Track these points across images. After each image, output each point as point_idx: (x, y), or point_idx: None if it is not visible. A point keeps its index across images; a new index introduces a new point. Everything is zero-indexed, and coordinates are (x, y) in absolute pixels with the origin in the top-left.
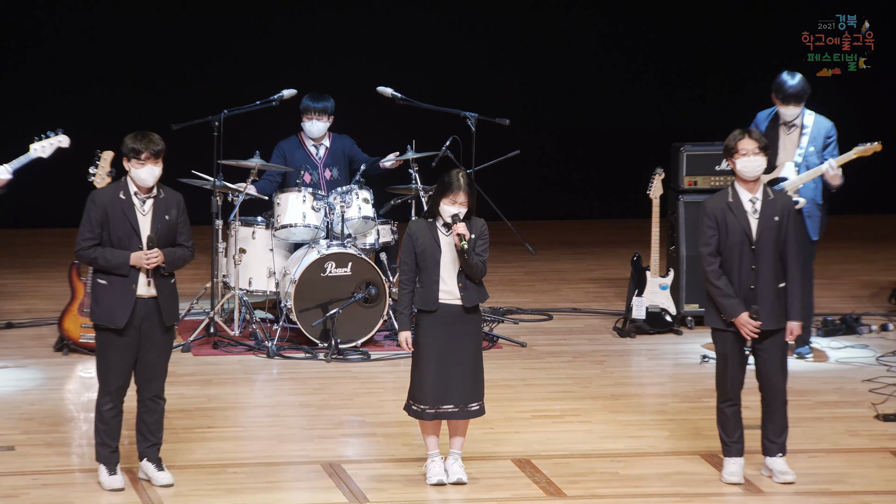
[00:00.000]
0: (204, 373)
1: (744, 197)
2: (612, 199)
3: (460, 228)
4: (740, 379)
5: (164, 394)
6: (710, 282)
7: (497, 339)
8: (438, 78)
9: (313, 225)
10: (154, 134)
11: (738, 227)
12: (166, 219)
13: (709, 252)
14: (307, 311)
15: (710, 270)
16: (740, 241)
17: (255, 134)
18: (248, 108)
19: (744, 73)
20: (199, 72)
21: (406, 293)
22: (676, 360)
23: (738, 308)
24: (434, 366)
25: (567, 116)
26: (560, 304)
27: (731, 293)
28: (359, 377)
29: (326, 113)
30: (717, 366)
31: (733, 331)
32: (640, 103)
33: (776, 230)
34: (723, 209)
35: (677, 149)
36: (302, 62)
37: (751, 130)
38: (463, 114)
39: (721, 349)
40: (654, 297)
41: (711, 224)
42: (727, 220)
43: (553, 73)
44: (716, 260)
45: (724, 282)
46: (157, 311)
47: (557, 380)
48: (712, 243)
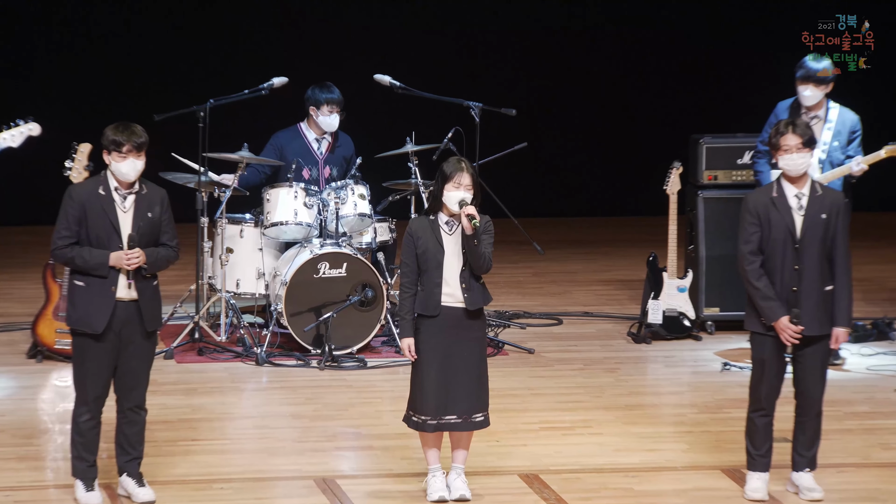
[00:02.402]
0: (188, 381)
1: (789, 192)
2: (626, 195)
3: (470, 209)
4: (777, 388)
5: (145, 404)
6: (750, 282)
7: (503, 346)
8: (440, 66)
9: (305, 223)
10: (136, 125)
11: (782, 224)
12: (149, 216)
13: (749, 250)
14: (299, 316)
15: (749, 270)
16: (783, 240)
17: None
18: (235, 97)
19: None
20: (183, 59)
21: (407, 297)
22: (695, 368)
23: (779, 311)
24: (435, 374)
25: (577, 106)
26: (570, 307)
27: (771, 295)
28: (354, 386)
29: (342, 105)
30: (753, 372)
31: (773, 336)
32: (657, 92)
33: (823, 228)
34: (766, 204)
35: (696, 141)
36: (292, 48)
37: (795, 124)
38: (466, 103)
39: (758, 354)
40: (671, 300)
41: (753, 220)
42: (770, 216)
43: (562, 61)
44: (756, 259)
45: (765, 282)
46: (138, 315)
47: (567, 389)
48: (753, 241)
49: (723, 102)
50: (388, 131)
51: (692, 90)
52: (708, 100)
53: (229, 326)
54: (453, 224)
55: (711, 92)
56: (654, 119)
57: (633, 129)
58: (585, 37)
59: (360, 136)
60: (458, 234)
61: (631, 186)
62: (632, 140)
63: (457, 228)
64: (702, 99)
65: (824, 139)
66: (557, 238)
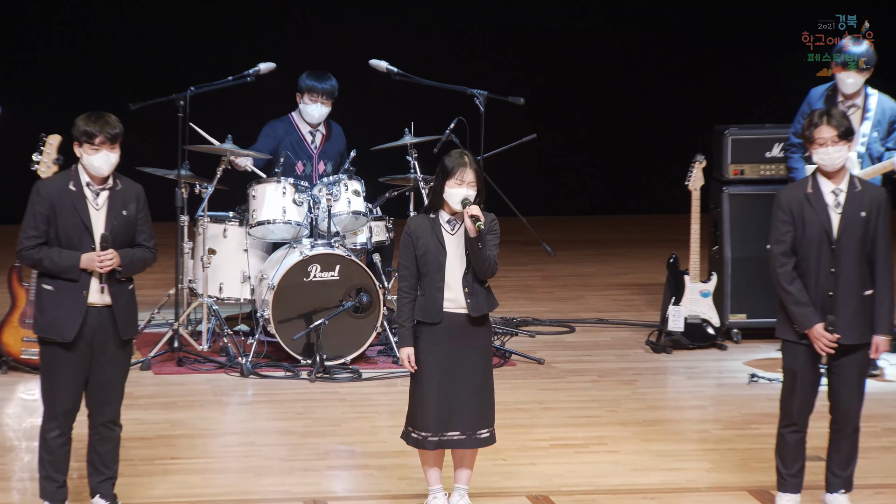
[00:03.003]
0: (167, 394)
1: (825, 188)
2: (644, 192)
3: (473, 209)
4: (810, 401)
5: (119, 419)
6: (782, 286)
7: (510, 355)
8: (443, 52)
9: (295, 221)
10: (110, 115)
11: (817, 223)
12: (123, 214)
13: (781, 251)
14: (288, 323)
15: (781, 272)
16: (818, 240)
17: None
18: (218, 84)
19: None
20: (161, 44)
21: (407, 303)
22: (720, 380)
23: (813, 318)
24: (437, 386)
25: (589, 96)
26: (583, 313)
27: (804, 300)
28: (348, 399)
29: (333, 97)
30: (784, 384)
31: (806, 344)
32: (677, 80)
33: (862, 227)
34: (800, 201)
35: (721, 132)
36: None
37: (830, 115)
38: (470, 91)
39: (790, 364)
40: (693, 305)
41: (786, 218)
42: (804, 213)
43: (573, 49)
44: (789, 260)
45: (798, 286)
46: (111, 323)
47: (580, 402)
48: (786, 241)
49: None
50: (385, 122)
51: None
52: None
53: (211, 334)
54: (455, 223)
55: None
56: (675, 110)
57: (653, 120)
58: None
59: (354, 127)
60: (460, 233)
61: (650, 182)
62: (651, 132)
63: (459, 228)
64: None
65: (863, 130)
66: (569, 238)
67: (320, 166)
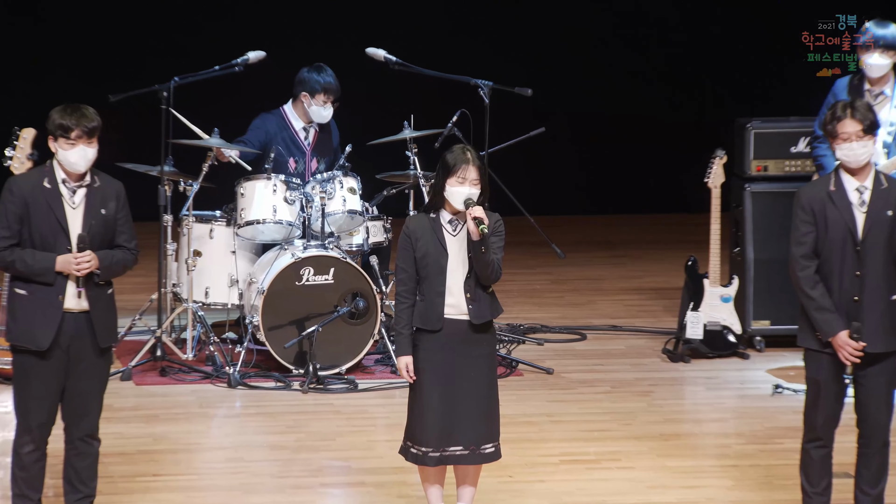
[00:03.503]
0: (149, 406)
1: (849, 185)
2: (660, 189)
3: (477, 211)
4: (835, 414)
5: (98, 433)
6: (803, 290)
7: (516, 365)
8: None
9: (286, 221)
10: (87, 107)
11: (840, 223)
12: (102, 213)
13: (802, 253)
14: (278, 330)
15: (802, 276)
16: (842, 240)
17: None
18: (204, 74)
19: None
20: (143, 31)
21: (405, 308)
22: (742, 391)
23: (837, 325)
24: (438, 398)
25: (602, 87)
26: (595, 320)
27: (827, 306)
28: (343, 412)
29: (338, 95)
30: (808, 395)
31: (830, 353)
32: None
33: (889, 227)
34: (822, 200)
35: (743, 126)
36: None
37: (854, 107)
38: (474, 81)
39: (813, 375)
40: (713, 311)
41: (807, 218)
42: (826, 213)
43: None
44: (811, 263)
45: (821, 291)
46: (89, 329)
47: (592, 415)
48: (807, 242)
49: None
50: (382, 115)
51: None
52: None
53: (197, 342)
54: (457, 224)
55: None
56: (694, 101)
57: (669, 113)
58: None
59: (350, 121)
60: (463, 235)
61: (666, 179)
62: (667, 125)
63: (461, 229)
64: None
65: (891, 118)
66: (580, 239)
67: (313, 163)
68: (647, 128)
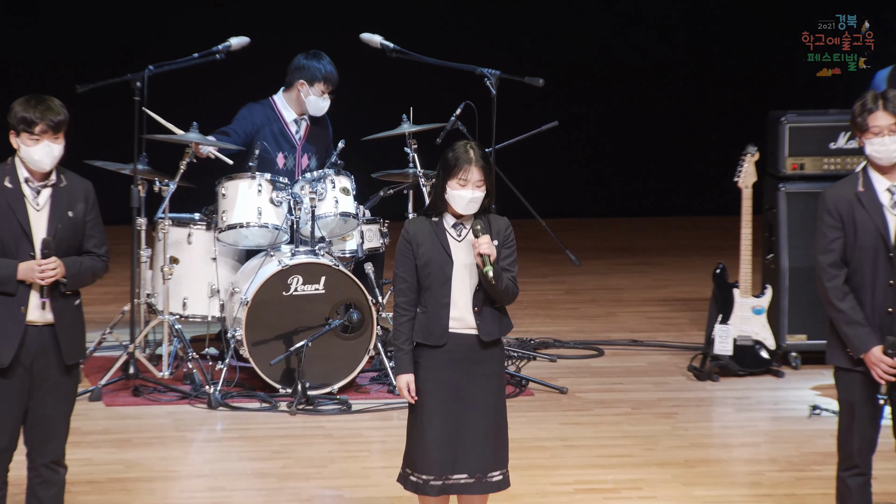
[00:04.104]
0: (120, 430)
1: (879, 185)
2: (685, 190)
3: (483, 246)
4: (871, 438)
5: (64, 459)
6: (832, 303)
7: (527, 383)
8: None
9: (272, 224)
10: (53, 99)
11: (871, 227)
12: (69, 216)
13: (830, 262)
14: (264, 345)
15: (830, 287)
16: (874, 247)
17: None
18: (181, 62)
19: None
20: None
21: (405, 322)
22: (776, 413)
23: (869, 340)
24: (440, 420)
25: (620, 78)
26: (614, 333)
27: (858, 319)
28: (335, 435)
29: (336, 87)
30: (841, 420)
31: (862, 371)
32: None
33: None
34: (849, 202)
35: (777, 120)
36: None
37: (886, 98)
38: (479, 71)
39: (846, 396)
40: (744, 324)
41: (833, 223)
42: (855, 216)
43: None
44: (839, 273)
45: (850, 303)
46: (54, 344)
47: (610, 439)
48: (835, 249)
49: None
50: (379, 107)
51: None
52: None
53: (174, 359)
54: (462, 228)
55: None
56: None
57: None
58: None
59: (343, 114)
60: (469, 239)
61: (692, 178)
62: (693, 119)
63: (468, 234)
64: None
65: None
66: (597, 245)
67: (304, 160)
68: (672, 121)
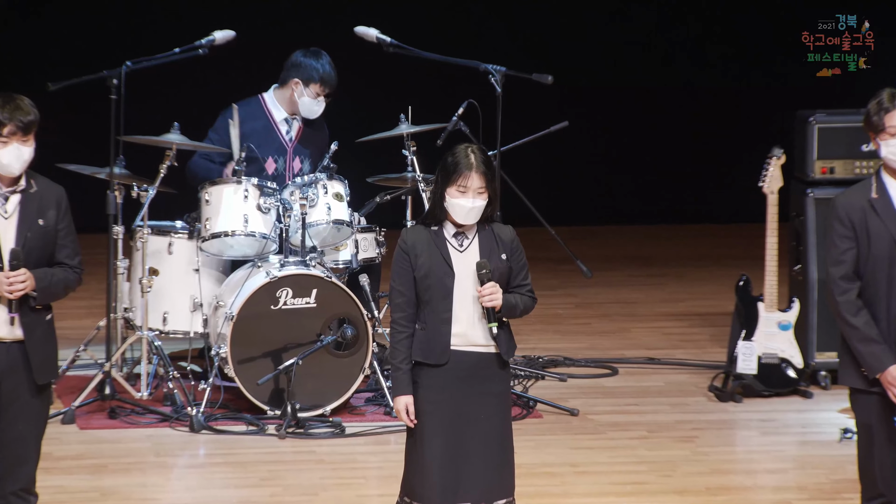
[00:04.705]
0: (96, 454)
1: (893, 191)
2: (705, 195)
3: (486, 297)
4: (893, 464)
5: (35, 486)
6: (844, 319)
7: (535, 405)
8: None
9: (260, 233)
10: (22, 98)
11: (885, 236)
12: (40, 224)
13: (842, 274)
14: (250, 363)
15: (843, 302)
16: (888, 257)
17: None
18: (161, 58)
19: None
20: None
21: (402, 339)
22: (804, 437)
23: (885, 358)
24: (441, 444)
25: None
26: (628, 350)
27: (873, 336)
28: (328, 461)
29: (334, 90)
30: (860, 445)
31: (879, 392)
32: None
33: None
34: (862, 209)
35: (805, 119)
36: None
37: None
38: (483, 67)
39: (863, 419)
40: (770, 341)
41: (846, 232)
42: (868, 224)
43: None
44: (852, 286)
45: (864, 318)
46: (24, 363)
47: (625, 465)
48: (846, 260)
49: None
50: (375, 106)
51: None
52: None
53: (153, 378)
54: (464, 238)
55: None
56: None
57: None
58: None
59: (336, 114)
60: (472, 250)
61: (712, 183)
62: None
63: (470, 243)
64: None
65: None
66: (610, 254)
67: (296, 163)
68: (690, 122)
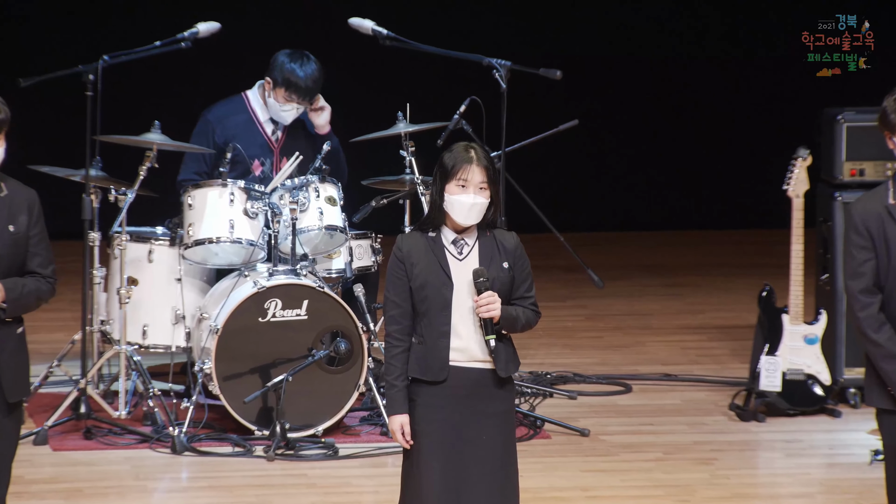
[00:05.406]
0: (70, 478)
1: None
2: (725, 200)
3: (483, 307)
4: None
5: None
6: (866, 335)
7: (542, 424)
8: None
9: (246, 240)
10: None
11: None
12: (10, 230)
13: (861, 288)
14: (237, 379)
15: (864, 317)
16: None
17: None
18: (141, 52)
19: None
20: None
21: (398, 353)
22: (832, 458)
23: None
24: (440, 467)
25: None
26: (643, 366)
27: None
28: (320, 484)
29: (310, 99)
30: (888, 468)
31: None
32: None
33: None
34: (879, 216)
35: (833, 118)
36: None
37: None
38: (487, 61)
39: (891, 441)
40: (795, 355)
41: (863, 242)
42: (886, 233)
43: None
44: (873, 300)
45: (888, 334)
46: None
47: (640, 489)
48: (866, 273)
49: None
50: (370, 104)
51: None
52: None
53: (132, 396)
54: (464, 244)
55: None
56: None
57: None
58: None
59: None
60: (472, 258)
61: (733, 186)
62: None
63: (470, 251)
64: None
65: None
66: (623, 263)
67: (284, 164)
68: (708, 121)
